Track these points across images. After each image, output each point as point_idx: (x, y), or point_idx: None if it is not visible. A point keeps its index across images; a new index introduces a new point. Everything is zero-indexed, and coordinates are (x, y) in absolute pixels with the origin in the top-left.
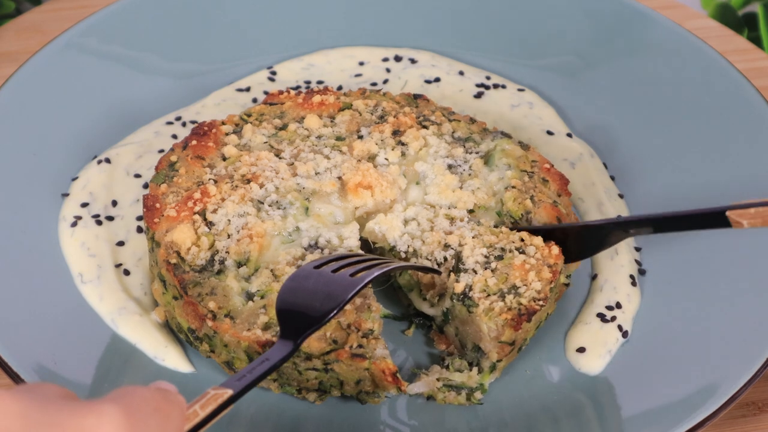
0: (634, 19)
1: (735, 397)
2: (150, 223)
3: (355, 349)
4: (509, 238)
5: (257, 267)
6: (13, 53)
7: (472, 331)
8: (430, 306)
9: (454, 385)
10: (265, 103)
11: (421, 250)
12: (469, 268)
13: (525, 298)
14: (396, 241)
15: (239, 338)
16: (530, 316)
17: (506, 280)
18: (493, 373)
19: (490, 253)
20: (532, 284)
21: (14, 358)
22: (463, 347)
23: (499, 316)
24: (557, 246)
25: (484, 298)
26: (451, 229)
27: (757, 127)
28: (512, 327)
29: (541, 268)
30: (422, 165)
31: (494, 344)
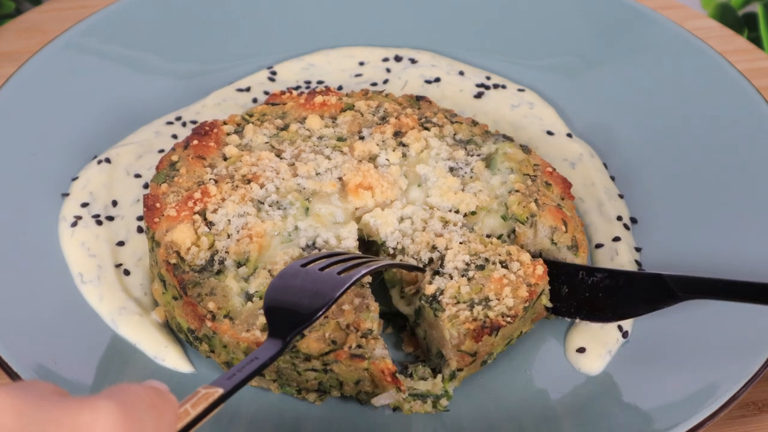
0: (634, 19)
1: (735, 397)
2: (150, 222)
3: (354, 350)
4: (496, 250)
5: (256, 267)
6: (13, 53)
7: (437, 336)
8: (406, 304)
9: (419, 394)
10: (267, 103)
11: (408, 248)
12: (446, 273)
13: (494, 312)
14: (387, 236)
15: (238, 339)
16: (494, 331)
17: (480, 291)
18: (452, 382)
19: (472, 261)
20: (504, 299)
21: (14, 358)
22: (429, 351)
23: (462, 325)
24: (543, 266)
25: (452, 304)
26: (442, 232)
27: (757, 127)
28: (473, 338)
29: (520, 285)
30: (423, 167)
31: (454, 352)
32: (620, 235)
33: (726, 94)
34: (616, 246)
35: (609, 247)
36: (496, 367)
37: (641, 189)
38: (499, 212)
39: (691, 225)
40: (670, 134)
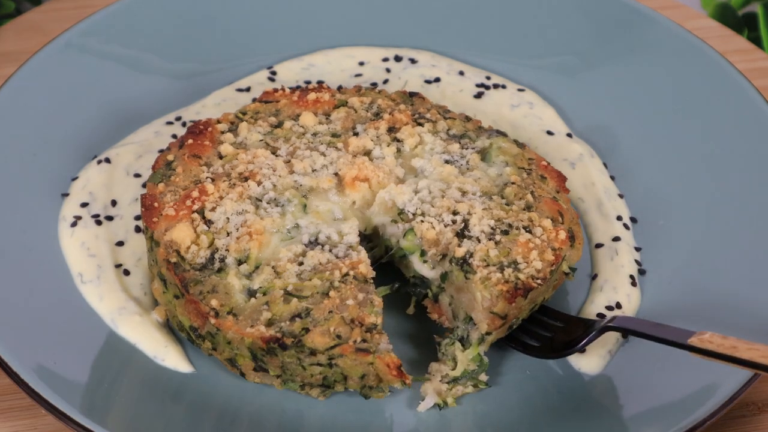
0: (634, 19)
1: (735, 397)
2: (148, 222)
3: (359, 344)
4: (518, 216)
5: (258, 264)
6: (13, 53)
7: (466, 300)
8: (430, 268)
9: (458, 377)
10: (260, 101)
11: (429, 212)
12: (473, 236)
13: (523, 274)
14: (405, 204)
15: (243, 335)
16: (526, 293)
17: (508, 254)
18: (482, 346)
19: (497, 226)
20: (533, 262)
21: (14, 358)
22: (455, 318)
23: (494, 287)
24: (565, 231)
25: (483, 267)
26: (462, 200)
27: (757, 127)
28: (506, 299)
29: (545, 249)
30: (419, 161)
31: (486, 314)
32: (620, 235)
33: (726, 94)
34: (616, 246)
35: (609, 246)
36: (497, 367)
37: (641, 189)
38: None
39: (690, 225)
40: (670, 134)
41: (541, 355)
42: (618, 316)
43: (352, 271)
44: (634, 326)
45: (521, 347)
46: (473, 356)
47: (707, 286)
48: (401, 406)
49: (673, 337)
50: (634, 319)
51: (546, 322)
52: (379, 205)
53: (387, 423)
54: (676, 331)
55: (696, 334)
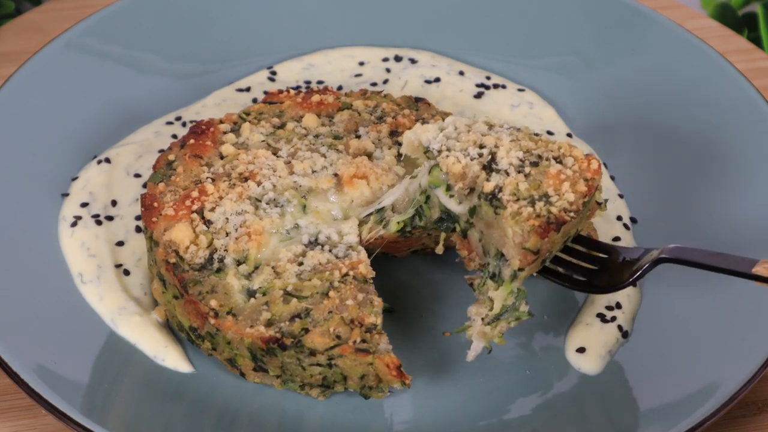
0: (634, 19)
1: (735, 396)
2: (148, 222)
3: (358, 344)
4: (548, 146)
5: (257, 264)
6: (13, 53)
7: (497, 236)
8: (457, 203)
9: (499, 314)
10: (265, 102)
11: (455, 147)
12: (501, 169)
13: (555, 208)
14: (430, 141)
15: (243, 335)
16: (558, 226)
17: (539, 187)
18: (515, 282)
19: (525, 157)
20: (564, 195)
21: (14, 358)
22: (486, 254)
23: (526, 222)
24: (597, 161)
25: (513, 201)
26: (488, 133)
27: (756, 128)
28: (538, 234)
29: (577, 180)
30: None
31: (518, 250)
32: (620, 235)
33: (726, 94)
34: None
35: None
36: (497, 367)
37: (641, 189)
38: None
39: (690, 225)
40: (670, 134)
41: (584, 290)
42: (673, 246)
43: (351, 271)
44: (692, 256)
45: (560, 280)
46: (508, 292)
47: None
48: (401, 406)
49: (735, 266)
50: (691, 248)
51: (587, 254)
52: (406, 146)
53: (387, 423)
54: (738, 260)
55: (760, 262)
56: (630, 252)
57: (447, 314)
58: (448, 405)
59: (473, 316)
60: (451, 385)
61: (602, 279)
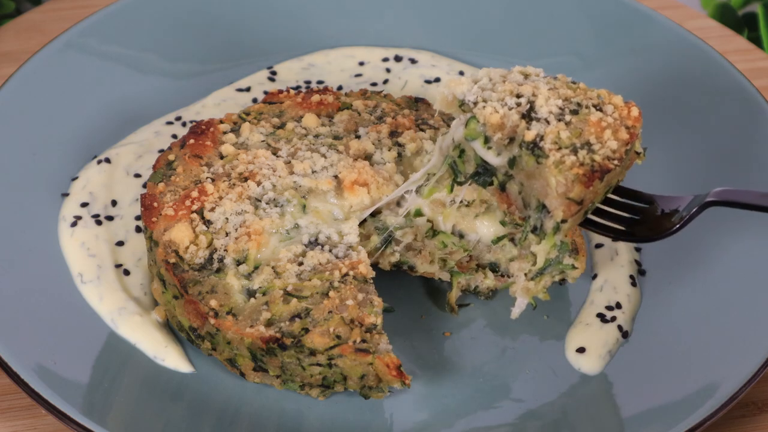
0: (634, 19)
1: (735, 397)
2: (148, 222)
3: (358, 344)
4: (587, 94)
5: (257, 264)
6: (13, 53)
7: (538, 186)
8: (495, 154)
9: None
10: (265, 102)
11: (491, 98)
12: (541, 118)
13: (599, 156)
14: (465, 93)
15: (242, 335)
16: (603, 175)
17: (580, 135)
18: (558, 234)
19: (565, 105)
20: (607, 142)
21: (14, 358)
22: (526, 206)
23: (569, 170)
24: (637, 108)
25: (555, 150)
26: (525, 82)
27: (756, 128)
28: (583, 183)
29: (618, 128)
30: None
31: (561, 201)
32: None
33: (726, 94)
34: (616, 246)
35: (609, 246)
36: (497, 368)
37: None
38: (497, 216)
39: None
40: (670, 134)
41: (629, 239)
42: (720, 188)
43: (351, 271)
44: (742, 198)
45: (604, 231)
46: (551, 246)
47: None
48: (401, 406)
49: None
50: (740, 190)
51: (628, 204)
52: (440, 102)
53: (387, 423)
54: None
55: None
56: (671, 201)
57: (447, 314)
58: (448, 405)
59: (516, 272)
60: (451, 385)
61: (646, 228)
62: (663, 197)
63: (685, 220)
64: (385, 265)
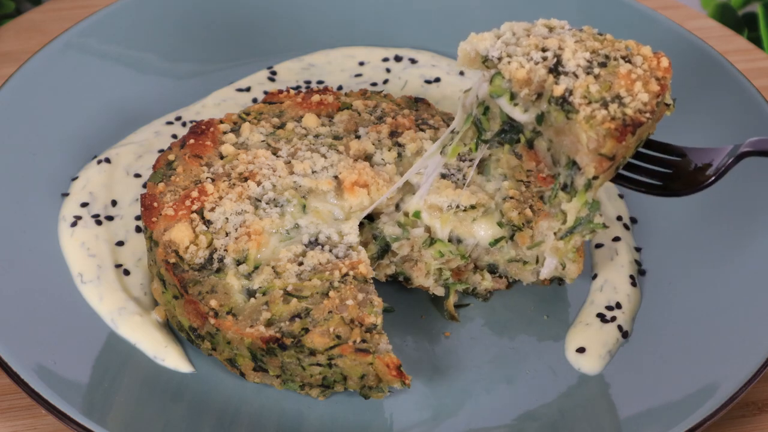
0: (634, 19)
1: (735, 397)
2: (148, 222)
3: (358, 344)
4: (614, 45)
5: (257, 264)
6: (13, 53)
7: (568, 143)
8: (522, 111)
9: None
10: (265, 102)
11: (515, 53)
12: (569, 72)
13: (630, 109)
14: (488, 49)
15: (242, 335)
16: (635, 128)
17: (610, 88)
18: (590, 192)
19: (593, 58)
20: (638, 95)
21: (14, 358)
22: (555, 163)
23: (601, 125)
24: (666, 58)
25: (585, 104)
26: (550, 36)
27: (757, 128)
28: (615, 138)
29: (649, 80)
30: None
31: (593, 156)
32: (620, 235)
33: (726, 94)
34: (616, 246)
35: (609, 247)
36: (497, 368)
37: None
38: (495, 217)
39: (690, 225)
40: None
41: (662, 194)
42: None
43: (351, 271)
44: None
45: (637, 186)
46: (582, 203)
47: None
48: (401, 406)
49: None
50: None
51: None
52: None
53: (387, 423)
54: None
55: None
56: (704, 153)
57: None
58: (448, 405)
59: (545, 231)
60: (451, 385)
61: (680, 182)
62: (695, 150)
63: (721, 172)
64: (381, 276)
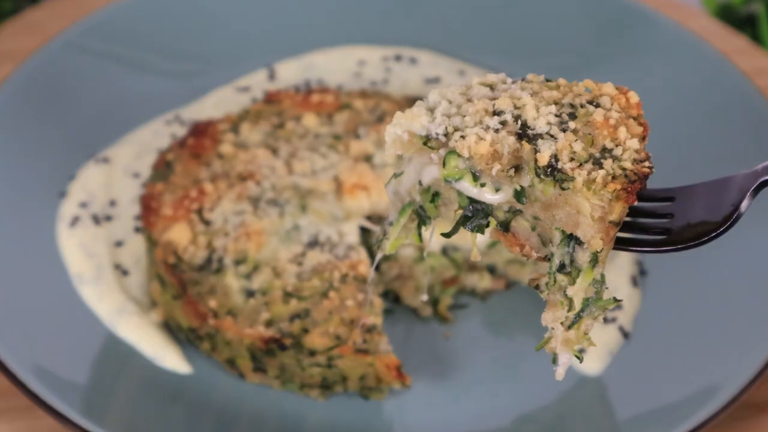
0: (634, 19)
1: (736, 398)
2: (147, 222)
3: (358, 345)
4: (573, 90)
5: (256, 265)
6: (13, 53)
7: (563, 216)
8: (493, 191)
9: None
10: (264, 102)
11: (464, 124)
12: (542, 133)
13: (627, 162)
14: (427, 127)
15: (242, 335)
16: (643, 183)
17: (593, 143)
18: (597, 267)
19: (560, 111)
20: (626, 143)
21: (12, 359)
22: (545, 244)
23: (604, 189)
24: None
25: (577, 168)
26: (495, 95)
27: (758, 127)
28: (623, 200)
29: (627, 122)
30: None
31: (598, 227)
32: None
33: (726, 94)
34: None
35: None
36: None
37: None
38: None
39: None
40: (670, 134)
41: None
42: None
43: (351, 271)
44: None
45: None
46: (590, 282)
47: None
48: (401, 407)
49: None
50: None
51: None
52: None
53: (387, 423)
54: None
55: None
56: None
57: None
58: (448, 405)
59: (550, 325)
60: (451, 385)
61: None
62: (686, 188)
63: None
64: None
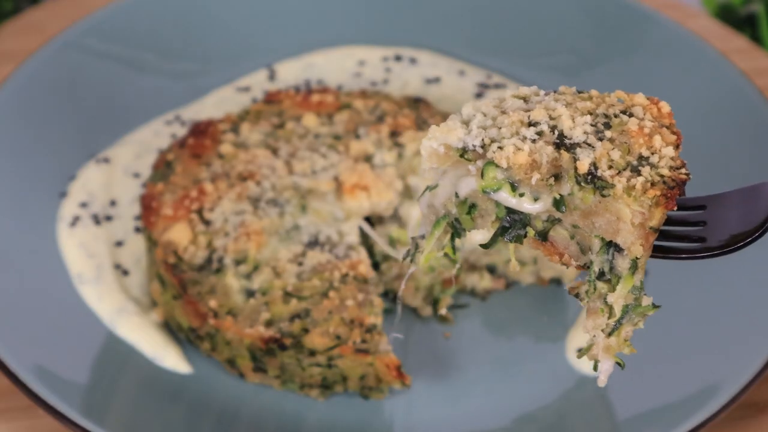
0: (634, 19)
1: (736, 398)
2: (147, 222)
3: (358, 345)
4: (606, 101)
5: (256, 265)
6: (13, 52)
7: (603, 224)
8: (532, 200)
9: (620, 319)
10: (264, 102)
11: (501, 136)
12: (579, 142)
13: (665, 169)
14: (463, 140)
15: (242, 335)
16: (682, 189)
17: (629, 152)
18: (637, 274)
19: (595, 121)
20: (662, 151)
21: (12, 359)
22: (584, 252)
23: (644, 195)
24: (665, 102)
25: (616, 175)
26: (530, 107)
27: (757, 127)
28: (663, 206)
29: (660, 130)
30: (414, 178)
31: (639, 233)
32: None
33: (726, 94)
34: None
35: None
36: (496, 369)
37: None
38: None
39: None
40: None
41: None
42: None
43: (351, 271)
44: None
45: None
46: (630, 289)
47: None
48: (401, 406)
49: None
50: None
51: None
52: (429, 158)
53: (387, 423)
54: None
55: None
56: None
57: None
58: (448, 405)
59: (591, 332)
60: (451, 385)
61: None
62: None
63: None
64: None
